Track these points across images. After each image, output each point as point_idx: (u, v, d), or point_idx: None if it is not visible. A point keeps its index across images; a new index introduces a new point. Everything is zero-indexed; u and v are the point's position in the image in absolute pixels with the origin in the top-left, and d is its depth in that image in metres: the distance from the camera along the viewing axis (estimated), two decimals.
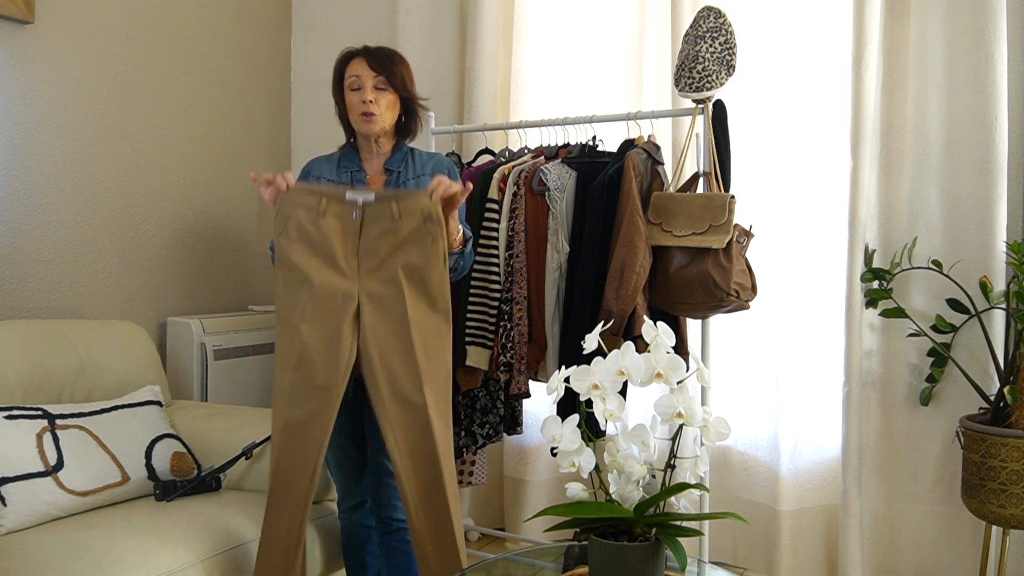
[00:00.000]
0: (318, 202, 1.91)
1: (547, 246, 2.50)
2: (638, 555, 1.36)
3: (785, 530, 2.75)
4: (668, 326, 1.43)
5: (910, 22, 2.58)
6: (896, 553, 2.64)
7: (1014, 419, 2.23)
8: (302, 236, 1.91)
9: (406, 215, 1.88)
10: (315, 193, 1.92)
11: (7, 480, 1.88)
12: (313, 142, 3.51)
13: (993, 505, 2.20)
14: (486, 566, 1.77)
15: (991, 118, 2.43)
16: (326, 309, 1.89)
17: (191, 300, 3.11)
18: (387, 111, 2.06)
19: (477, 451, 2.85)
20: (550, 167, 2.51)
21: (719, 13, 2.40)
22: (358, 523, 2.18)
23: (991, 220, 2.45)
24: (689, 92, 2.40)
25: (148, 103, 2.94)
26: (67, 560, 1.71)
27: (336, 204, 1.91)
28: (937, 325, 2.52)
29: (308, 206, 1.91)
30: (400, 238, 1.89)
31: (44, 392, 2.22)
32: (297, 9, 3.64)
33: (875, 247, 2.62)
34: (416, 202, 1.89)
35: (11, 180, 2.51)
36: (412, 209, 1.89)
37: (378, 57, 2.05)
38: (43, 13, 2.57)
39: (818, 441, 2.78)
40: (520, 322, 2.51)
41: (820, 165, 2.75)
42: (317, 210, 1.90)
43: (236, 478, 2.31)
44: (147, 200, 2.94)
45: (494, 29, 3.13)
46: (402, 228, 1.89)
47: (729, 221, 2.25)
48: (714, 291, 2.24)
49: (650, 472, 1.45)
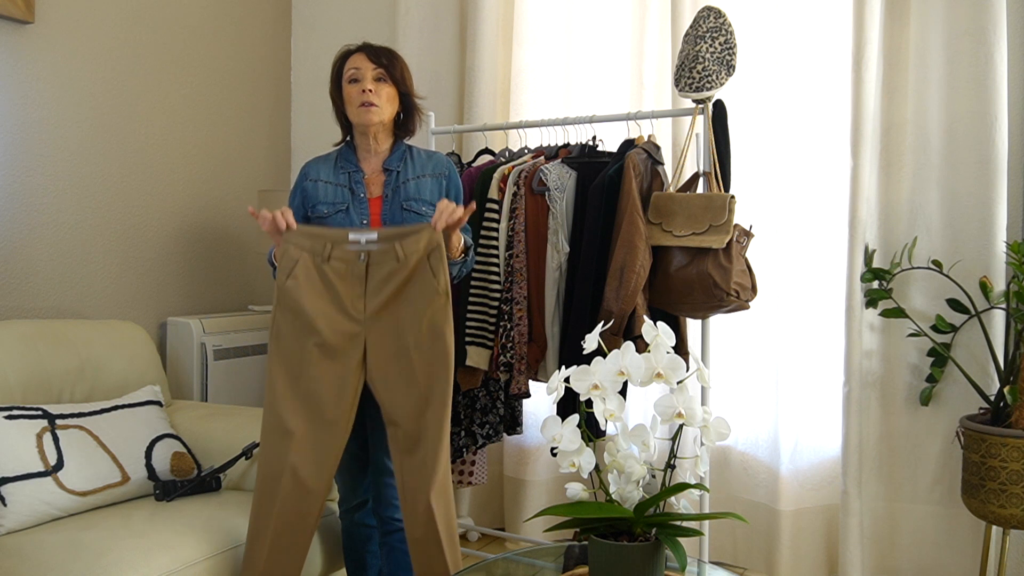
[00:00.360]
0: (323, 246, 1.92)
1: (547, 246, 2.50)
2: (638, 555, 1.36)
3: (785, 530, 2.75)
4: (668, 326, 1.43)
5: (910, 22, 2.58)
6: (896, 553, 2.64)
7: (1014, 419, 2.23)
8: (309, 281, 1.92)
9: (411, 253, 1.90)
10: (319, 237, 1.93)
11: (7, 480, 1.88)
12: (313, 142, 3.51)
13: (993, 505, 2.20)
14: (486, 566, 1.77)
15: (991, 118, 2.43)
16: (335, 354, 1.92)
17: (191, 300, 3.11)
18: (387, 103, 2.06)
19: (477, 451, 2.85)
20: (550, 167, 2.51)
21: (719, 13, 2.40)
22: (359, 523, 2.18)
23: (991, 220, 2.45)
24: (689, 92, 2.40)
25: (148, 103, 2.94)
26: (67, 560, 1.71)
27: (340, 247, 1.92)
28: (937, 325, 2.52)
29: (313, 250, 1.92)
30: (403, 277, 1.91)
31: (44, 392, 2.22)
32: (297, 9, 3.64)
33: (875, 247, 2.62)
34: (419, 239, 1.90)
35: (11, 180, 2.51)
36: (416, 246, 1.90)
37: (378, 52, 2.07)
38: (43, 13, 2.57)
39: (818, 441, 2.78)
40: (520, 322, 2.51)
41: (820, 165, 2.75)
42: (322, 255, 1.92)
43: (236, 478, 2.31)
44: (147, 200, 2.94)
45: (494, 29, 3.13)
46: (406, 267, 1.90)
47: (729, 221, 2.25)
48: (714, 291, 2.24)
49: (650, 472, 1.45)
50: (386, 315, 1.92)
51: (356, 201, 2.07)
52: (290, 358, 1.93)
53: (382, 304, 1.92)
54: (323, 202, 2.09)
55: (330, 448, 1.93)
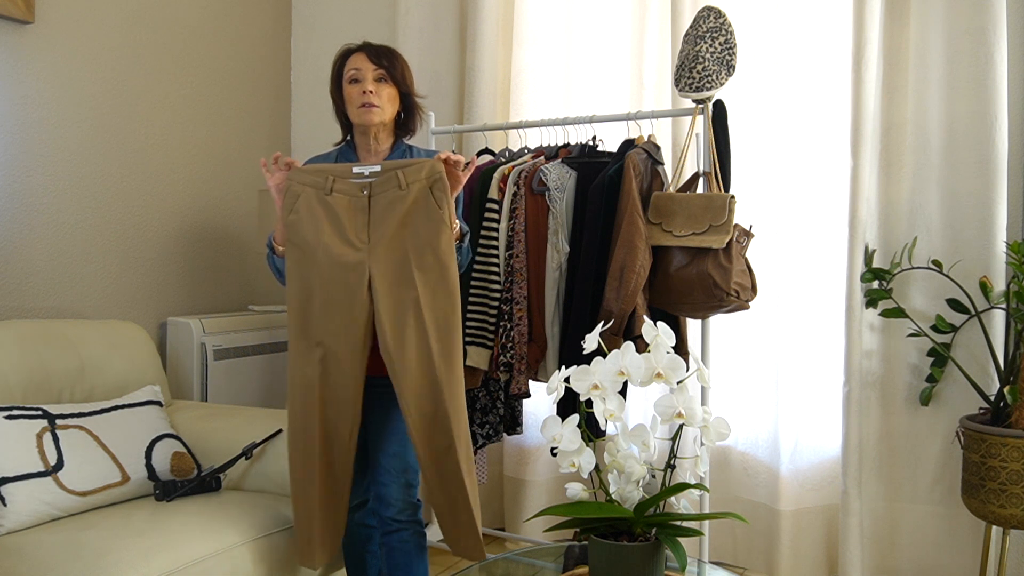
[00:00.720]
0: (324, 179, 1.92)
1: (547, 246, 2.50)
2: (638, 555, 1.36)
3: (785, 530, 2.75)
4: (668, 326, 1.43)
5: (910, 22, 2.58)
6: (896, 553, 2.64)
7: (1014, 419, 2.23)
8: (310, 212, 1.92)
9: (413, 182, 1.90)
10: (321, 172, 1.94)
11: (7, 480, 1.88)
12: (313, 142, 3.51)
13: (993, 505, 2.20)
14: (486, 566, 1.78)
15: (991, 118, 2.43)
16: (339, 282, 1.90)
17: (191, 300, 3.11)
18: (388, 103, 2.06)
19: (477, 451, 2.85)
20: (550, 167, 2.51)
21: (719, 13, 2.40)
22: (359, 523, 2.18)
23: (991, 220, 2.45)
24: (689, 92, 2.40)
25: (148, 103, 2.94)
26: (67, 560, 1.71)
27: (343, 180, 1.92)
28: (937, 325, 2.52)
29: (315, 184, 1.92)
30: (407, 205, 1.90)
31: (44, 392, 2.22)
32: (297, 9, 3.64)
33: (875, 247, 2.62)
34: (421, 168, 1.91)
35: (11, 180, 2.51)
36: (418, 175, 1.90)
37: (378, 51, 2.07)
38: (43, 13, 2.57)
39: (818, 441, 2.78)
40: (520, 322, 2.51)
41: (820, 165, 2.75)
42: (324, 187, 1.92)
43: (236, 478, 2.31)
44: (147, 200, 2.94)
45: (494, 29, 3.13)
46: (409, 195, 1.90)
47: (729, 221, 2.25)
48: (714, 291, 2.24)
49: (650, 472, 1.45)
50: (390, 243, 1.90)
51: None
52: (299, 297, 1.93)
53: (386, 233, 1.90)
54: None
55: (346, 390, 1.92)
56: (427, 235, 1.90)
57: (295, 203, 1.93)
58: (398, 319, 1.89)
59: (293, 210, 1.93)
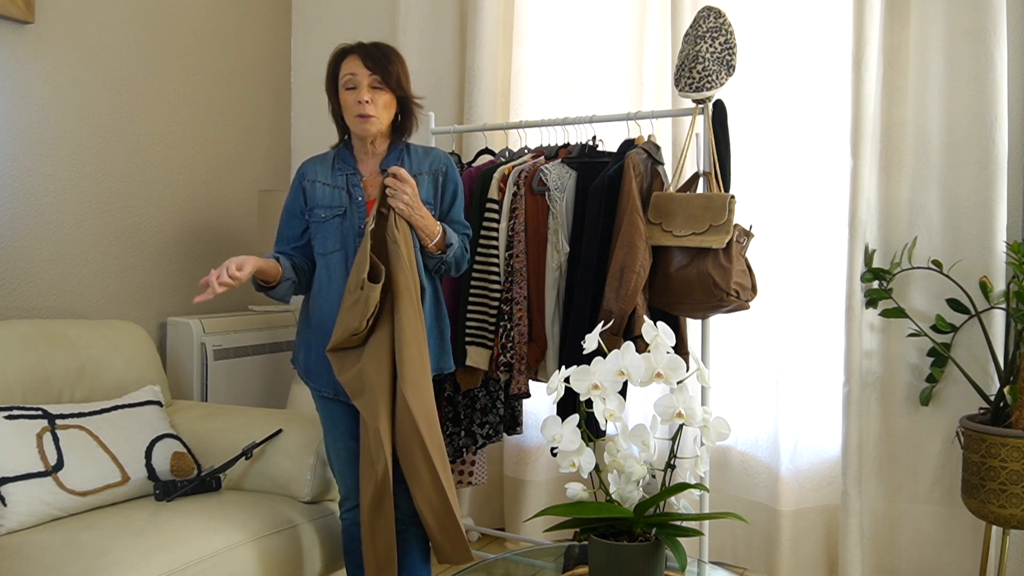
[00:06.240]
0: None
1: (547, 246, 2.50)
2: (638, 555, 1.36)
3: (785, 530, 2.75)
4: (668, 326, 1.43)
5: (910, 22, 2.58)
6: (896, 553, 2.64)
7: (1014, 419, 2.23)
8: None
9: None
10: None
11: (7, 480, 1.88)
12: (313, 142, 3.51)
13: (993, 505, 2.20)
14: (486, 566, 1.77)
15: (991, 118, 2.43)
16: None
17: (191, 300, 3.11)
18: (384, 111, 2.05)
19: (477, 451, 2.85)
20: (550, 167, 2.51)
21: (719, 13, 2.40)
22: (359, 523, 2.17)
23: (991, 220, 2.45)
24: (689, 92, 2.40)
25: (148, 103, 2.94)
26: (67, 560, 1.71)
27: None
28: (937, 325, 2.52)
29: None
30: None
31: (44, 392, 2.22)
32: (297, 9, 3.64)
33: (875, 247, 2.62)
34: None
35: (11, 180, 2.51)
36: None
37: (374, 56, 2.03)
38: (43, 13, 2.57)
39: (818, 441, 2.78)
40: (520, 322, 2.51)
41: (820, 165, 2.75)
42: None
43: (236, 478, 2.31)
44: (147, 200, 2.94)
45: (494, 29, 3.13)
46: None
47: (729, 221, 2.25)
48: (714, 291, 2.24)
49: (650, 472, 1.45)
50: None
51: (354, 204, 2.07)
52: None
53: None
54: (320, 205, 2.09)
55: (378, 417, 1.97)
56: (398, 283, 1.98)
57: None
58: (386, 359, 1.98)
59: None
